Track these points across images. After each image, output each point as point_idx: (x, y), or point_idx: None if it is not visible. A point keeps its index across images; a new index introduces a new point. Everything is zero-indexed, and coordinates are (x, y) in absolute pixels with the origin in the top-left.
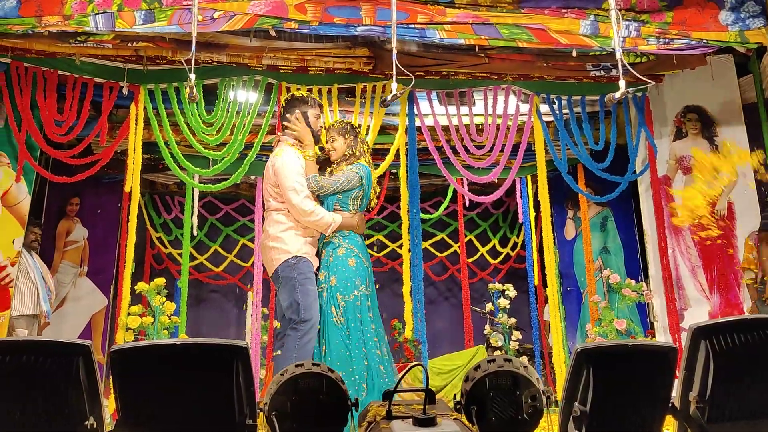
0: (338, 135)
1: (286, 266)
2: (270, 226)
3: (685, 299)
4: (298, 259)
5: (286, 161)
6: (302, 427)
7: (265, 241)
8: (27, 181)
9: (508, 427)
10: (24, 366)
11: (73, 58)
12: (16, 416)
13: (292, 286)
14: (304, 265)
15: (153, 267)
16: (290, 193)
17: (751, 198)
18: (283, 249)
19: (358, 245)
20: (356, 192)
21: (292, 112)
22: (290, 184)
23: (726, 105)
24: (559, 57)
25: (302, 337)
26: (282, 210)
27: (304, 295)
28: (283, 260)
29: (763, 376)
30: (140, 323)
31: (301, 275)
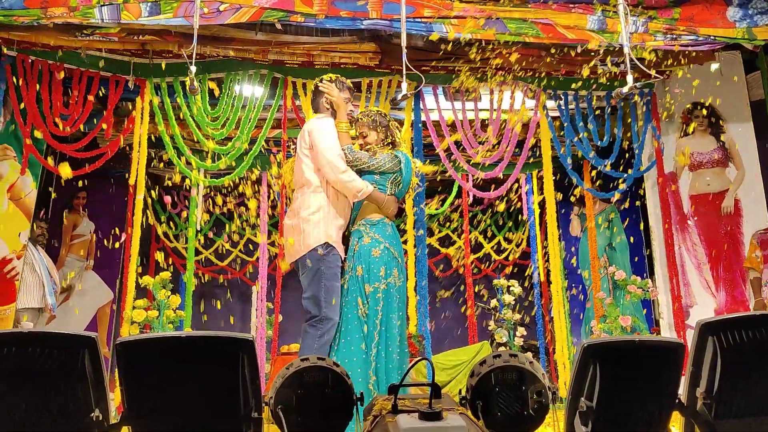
0: (369, 129)
1: (315, 255)
2: (301, 205)
3: (690, 296)
4: (328, 249)
5: (323, 123)
6: (307, 421)
7: (293, 219)
8: (33, 174)
9: (514, 422)
10: (29, 358)
11: (79, 52)
12: (21, 408)
13: (317, 279)
14: (333, 258)
15: (158, 261)
16: (324, 151)
17: (758, 195)
18: (314, 234)
19: (386, 235)
20: (395, 175)
21: (320, 97)
22: (325, 143)
23: (733, 102)
24: (566, 52)
25: (322, 336)
26: (316, 188)
27: (328, 291)
28: (312, 247)
29: None
30: (145, 317)
31: (329, 269)
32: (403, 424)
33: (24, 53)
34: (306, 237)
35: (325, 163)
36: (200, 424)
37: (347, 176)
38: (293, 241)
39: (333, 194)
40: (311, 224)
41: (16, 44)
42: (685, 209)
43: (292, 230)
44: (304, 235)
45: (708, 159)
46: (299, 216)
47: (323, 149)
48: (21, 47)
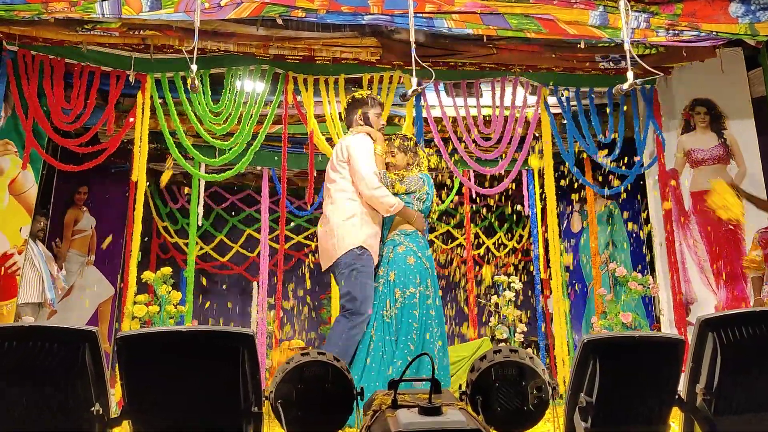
0: (399, 151)
1: (352, 255)
2: (334, 212)
3: (691, 293)
4: (363, 250)
5: (361, 140)
6: (307, 416)
7: (327, 226)
8: (34, 169)
9: (514, 417)
10: (30, 352)
11: (80, 47)
12: (21, 402)
13: (354, 276)
14: (368, 259)
15: (159, 256)
16: (362, 167)
17: (759, 191)
18: (350, 237)
19: (419, 245)
20: (420, 193)
21: (353, 114)
22: (362, 160)
23: (735, 98)
24: (567, 48)
25: (352, 328)
26: (353, 194)
27: (363, 287)
28: (348, 249)
29: None
30: (146, 312)
31: (364, 267)
32: (403, 419)
33: (25, 48)
34: (341, 240)
35: (360, 178)
36: (200, 419)
37: (380, 192)
38: (328, 245)
39: (367, 203)
40: (346, 229)
41: (18, 39)
42: (686, 206)
43: (326, 236)
44: (338, 239)
45: (709, 156)
46: (332, 222)
47: (360, 166)
48: (22, 42)
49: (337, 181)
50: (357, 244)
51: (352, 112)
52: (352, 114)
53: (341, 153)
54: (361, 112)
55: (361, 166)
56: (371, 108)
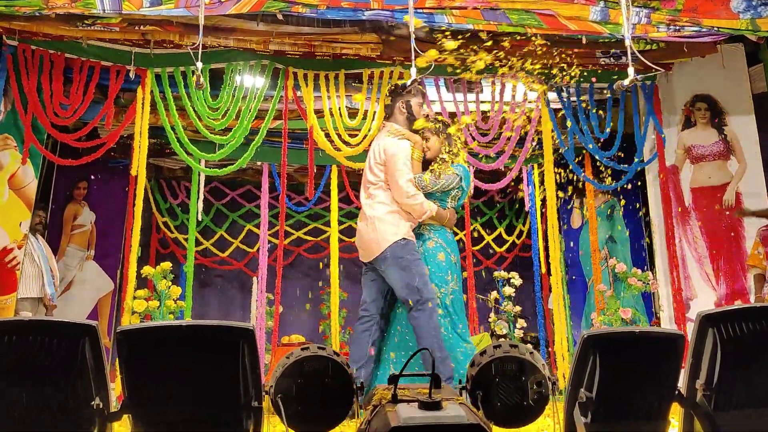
0: (431, 134)
1: (397, 247)
2: (373, 207)
3: (691, 289)
4: (406, 241)
5: (398, 145)
6: (307, 410)
7: (366, 221)
8: (33, 164)
9: (514, 412)
10: (30, 346)
11: (80, 42)
12: (22, 396)
13: (406, 267)
14: (412, 246)
15: (159, 251)
16: (397, 174)
17: (759, 188)
18: (392, 230)
19: (447, 241)
20: (455, 191)
21: (395, 102)
22: (399, 165)
23: (736, 94)
24: (568, 43)
25: (431, 316)
26: (389, 191)
27: (420, 275)
28: (393, 241)
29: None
30: (146, 307)
31: (413, 256)
32: (403, 413)
33: (25, 43)
34: (384, 234)
35: (396, 187)
36: (200, 413)
37: (414, 200)
38: (370, 239)
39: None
40: (387, 222)
41: (18, 34)
42: (686, 202)
43: (367, 230)
44: (381, 233)
45: (709, 152)
46: (375, 216)
47: (397, 175)
48: (22, 37)
49: (375, 181)
50: (400, 236)
51: (395, 101)
52: (395, 102)
53: (378, 155)
54: (404, 100)
55: (397, 176)
56: (414, 97)
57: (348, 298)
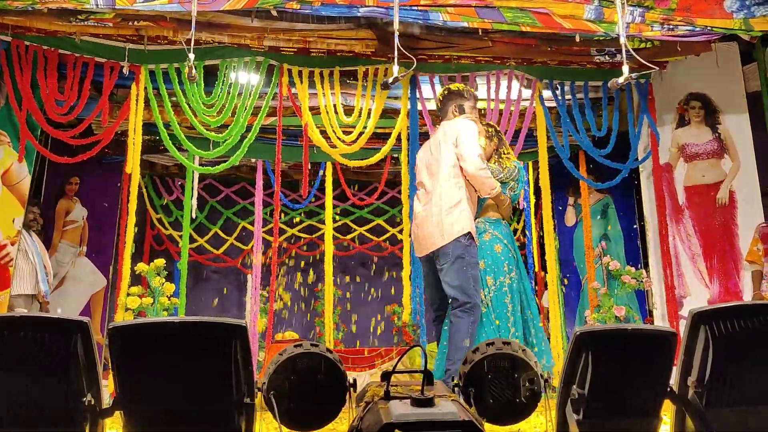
0: (484, 138)
1: (459, 245)
2: (441, 197)
3: (684, 287)
4: (470, 240)
5: (470, 125)
6: (300, 407)
7: (429, 211)
8: (27, 160)
9: (506, 409)
10: (22, 342)
11: (74, 37)
12: (12, 392)
13: (462, 269)
14: (473, 248)
15: (153, 248)
16: (470, 147)
17: (752, 187)
18: (459, 224)
19: (504, 233)
20: (513, 183)
21: (448, 106)
22: (471, 140)
23: (729, 93)
24: (562, 42)
25: (474, 322)
26: (457, 180)
27: (475, 280)
28: (456, 237)
29: (762, 362)
30: (140, 304)
31: (472, 258)
32: (395, 410)
33: (18, 38)
34: (449, 227)
35: (468, 156)
36: (192, 410)
37: (485, 172)
38: (432, 231)
39: (471, 190)
40: (453, 216)
41: (11, 29)
42: (680, 200)
43: (427, 221)
44: (445, 226)
45: (703, 150)
46: (437, 207)
47: (469, 146)
48: (15, 32)
49: (443, 165)
50: (465, 230)
51: (448, 104)
52: (448, 106)
53: (449, 135)
54: (457, 104)
55: (470, 147)
56: (467, 101)
57: (342, 295)
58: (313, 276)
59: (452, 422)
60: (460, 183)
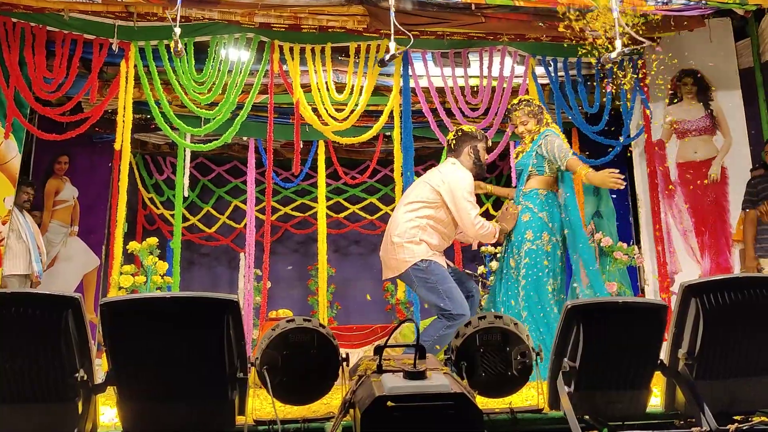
0: (530, 117)
1: (417, 270)
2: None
3: (675, 263)
4: (428, 262)
5: (467, 182)
6: (293, 381)
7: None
8: (17, 138)
9: (498, 382)
10: (13, 318)
11: (62, 14)
12: (5, 368)
13: (430, 287)
14: (435, 265)
15: (145, 227)
16: (466, 213)
17: (744, 163)
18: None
19: (537, 203)
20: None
21: (463, 147)
22: (466, 204)
23: (722, 69)
24: (555, 17)
25: (450, 327)
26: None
27: (448, 292)
28: (410, 265)
29: (752, 335)
30: (132, 282)
31: (437, 275)
32: (388, 383)
33: (5, 15)
34: (402, 258)
35: (468, 226)
36: (185, 384)
37: (483, 230)
38: (387, 258)
39: (441, 222)
40: (405, 248)
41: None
42: (672, 177)
43: (385, 248)
44: (398, 257)
45: (695, 127)
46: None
47: (466, 212)
48: (2, 9)
49: (411, 196)
50: (418, 258)
51: (463, 146)
52: (462, 147)
53: (440, 182)
54: (471, 147)
55: (466, 212)
56: (480, 142)
57: (336, 273)
58: (307, 254)
59: (444, 394)
60: (424, 214)
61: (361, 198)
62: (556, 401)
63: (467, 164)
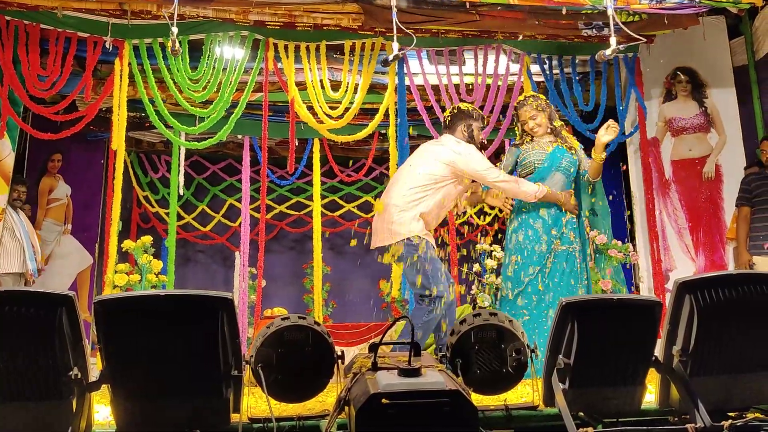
0: (538, 112)
1: (410, 245)
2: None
3: (670, 260)
4: (420, 240)
5: (469, 149)
6: (288, 379)
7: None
8: (10, 137)
9: (493, 379)
10: (6, 317)
11: (56, 12)
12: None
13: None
14: (425, 246)
15: (139, 226)
16: (481, 166)
17: (738, 161)
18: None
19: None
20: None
21: (457, 125)
22: (478, 160)
23: (716, 67)
24: (550, 15)
25: (431, 311)
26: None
27: (432, 275)
28: (404, 237)
29: (746, 331)
30: (127, 281)
31: (425, 255)
32: (383, 380)
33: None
34: (404, 229)
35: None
36: (179, 382)
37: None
38: (386, 228)
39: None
40: (404, 218)
41: None
42: (667, 174)
43: (382, 218)
44: (393, 227)
45: (690, 124)
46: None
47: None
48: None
49: (415, 171)
50: (413, 233)
51: (457, 123)
52: (457, 124)
53: (444, 156)
54: (466, 124)
55: (481, 165)
56: (475, 121)
57: (331, 272)
58: (302, 252)
59: (439, 392)
60: (428, 190)
61: (356, 196)
62: (551, 398)
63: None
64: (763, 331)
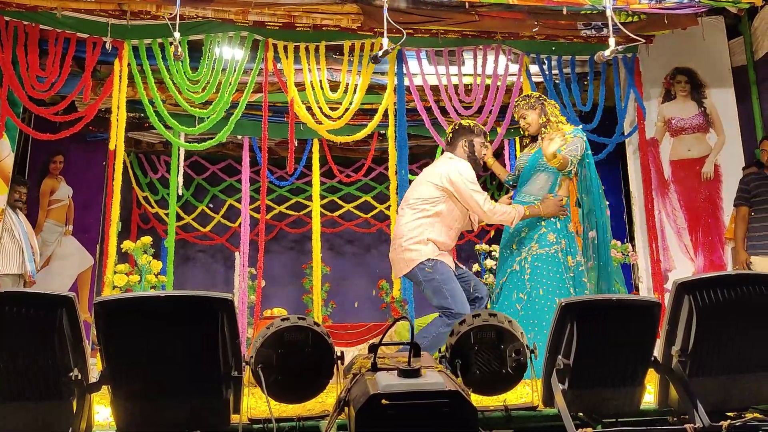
0: (527, 110)
1: (423, 270)
2: (405, 227)
3: (669, 260)
4: (434, 262)
5: (466, 170)
6: (288, 380)
7: (396, 241)
8: (10, 138)
9: (492, 380)
10: (6, 318)
11: (55, 12)
12: (0, 368)
13: (435, 287)
14: (440, 265)
15: (139, 226)
16: (472, 196)
17: (737, 161)
18: (417, 254)
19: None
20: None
21: (458, 140)
22: (470, 188)
23: (715, 67)
24: (549, 16)
25: (449, 325)
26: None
27: (452, 293)
28: (417, 264)
29: (745, 331)
30: (127, 281)
31: (442, 274)
32: (382, 381)
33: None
34: (409, 257)
35: (475, 207)
36: (179, 383)
37: (496, 212)
38: (401, 258)
39: (446, 219)
40: (413, 249)
41: None
42: (666, 174)
43: (394, 249)
44: (405, 256)
45: (689, 124)
46: (400, 238)
47: (472, 195)
48: None
49: (415, 196)
50: (424, 258)
51: (458, 139)
52: (458, 140)
53: (443, 178)
54: (467, 140)
55: (472, 195)
56: (476, 137)
57: (331, 272)
58: (302, 252)
59: (438, 392)
60: (428, 213)
61: (355, 196)
62: (551, 398)
63: (461, 158)
64: (761, 331)
